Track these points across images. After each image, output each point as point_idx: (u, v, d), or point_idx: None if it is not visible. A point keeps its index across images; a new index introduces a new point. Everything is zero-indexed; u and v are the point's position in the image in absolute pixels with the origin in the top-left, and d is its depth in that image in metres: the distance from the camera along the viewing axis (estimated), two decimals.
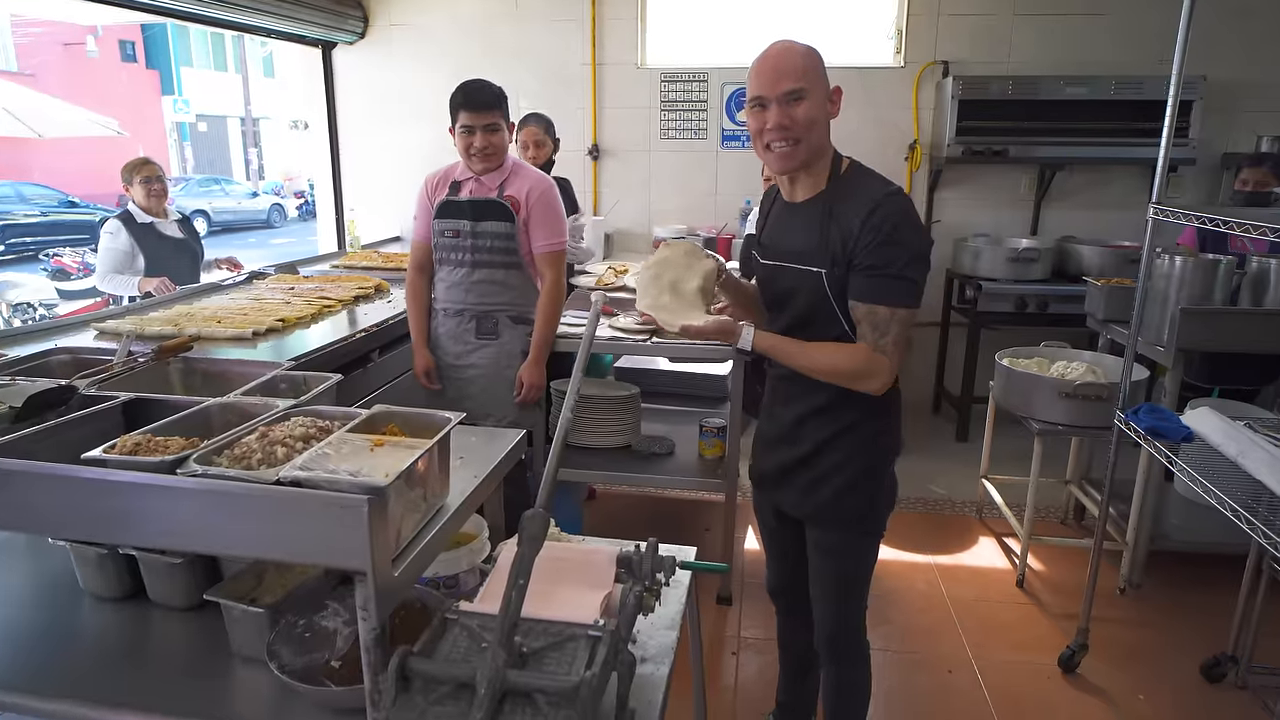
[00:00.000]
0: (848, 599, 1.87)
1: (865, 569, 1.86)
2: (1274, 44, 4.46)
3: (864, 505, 1.78)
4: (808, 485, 1.80)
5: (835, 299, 1.65)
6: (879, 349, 1.62)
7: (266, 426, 1.43)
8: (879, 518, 1.81)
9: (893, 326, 1.60)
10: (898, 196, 1.61)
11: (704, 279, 1.80)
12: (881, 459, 1.78)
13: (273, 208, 19.24)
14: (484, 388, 2.67)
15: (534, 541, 1.19)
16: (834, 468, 1.75)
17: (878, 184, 1.64)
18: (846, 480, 1.75)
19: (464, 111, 2.51)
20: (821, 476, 1.77)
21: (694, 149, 5.10)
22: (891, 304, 1.59)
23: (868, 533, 1.81)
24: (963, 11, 4.66)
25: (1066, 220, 4.83)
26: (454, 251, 2.64)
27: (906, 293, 1.60)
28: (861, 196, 1.61)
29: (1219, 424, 2.15)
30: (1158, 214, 2.22)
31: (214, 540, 1.26)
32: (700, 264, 1.82)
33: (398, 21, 5.16)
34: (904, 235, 1.58)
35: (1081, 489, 3.49)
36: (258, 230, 18.25)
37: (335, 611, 1.53)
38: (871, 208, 1.57)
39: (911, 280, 1.59)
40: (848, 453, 1.74)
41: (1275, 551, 1.75)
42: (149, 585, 1.67)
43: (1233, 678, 2.53)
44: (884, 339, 1.61)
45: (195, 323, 2.76)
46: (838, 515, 1.79)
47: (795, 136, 1.61)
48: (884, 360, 1.62)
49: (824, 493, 1.77)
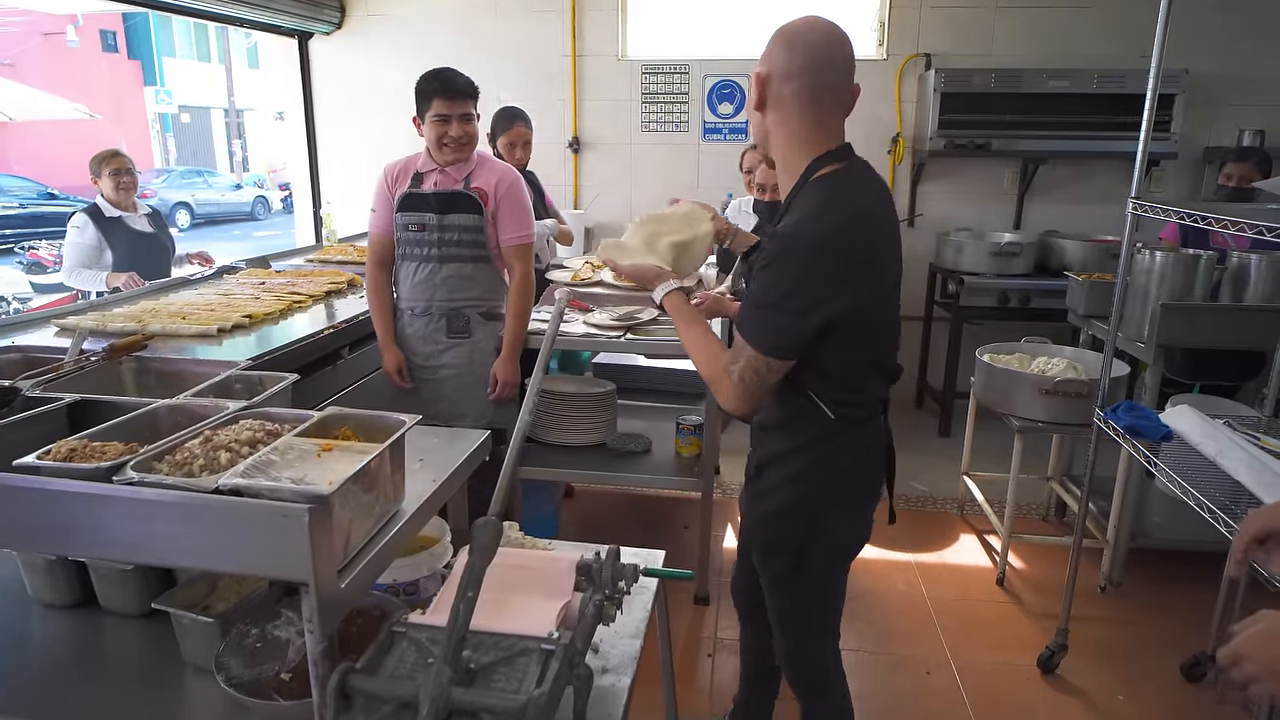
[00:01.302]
0: (788, 632, 1.71)
1: (803, 603, 1.67)
2: (1255, 37, 4.44)
3: (796, 539, 1.58)
4: (749, 501, 1.67)
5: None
6: (728, 371, 1.47)
7: (212, 430, 1.38)
8: (812, 559, 1.59)
9: (740, 357, 1.44)
10: (803, 239, 1.38)
11: (689, 238, 1.68)
12: (825, 492, 1.55)
13: (256, 200, 19.05)
14: (458, 387, 2.61)
15: (485, 551, 1.14)
16: (773, 487, 1.59)
17: (808, 212, 1.41)
18: (782, 503, 1.57)
19: (439, 99, 2.44)
20: (762, 493, 1.62)
21: (675, 141, 5.05)
22: (745, 336, 1.44)
23: (797, 568, 1.61)
24: (945, 4, 4.62)
25: (1049, 214, 4.80)
26: (419, 246, 2.57)
27: (753, 332, 1.42)
28: (782, 224, 1.45)
29: (1198, 423, 2.12)
30: (1137, 209, 2.19)
31: (152, 552, 1.20)
32: (695, 225, 1.70)
33: (375, 12, 5.08)
34: (779, 274, 1.39)
35: (1063, 485, 3.47)
36: (241, 223, 18.07)
37: (289, 620, 1.48)
38: (770, 239, 1.44)
39: (762, 321, 1.41)
40: (788, 471, 1.56)
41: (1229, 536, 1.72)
42: (100, 592, 1.61)
43: (1212, 677, 2.52)
44: (734, 365, 1.46)
45: (160, 319, 2.69)
46: (767, 539, 1.63)
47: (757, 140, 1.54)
48: (728, 382, 1.47)
49: (755, 512, 1.64)
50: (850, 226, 1.40)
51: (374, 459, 1.28)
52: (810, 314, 1.39)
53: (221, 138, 24.34)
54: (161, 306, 2.89)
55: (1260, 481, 1.80)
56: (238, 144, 24.27)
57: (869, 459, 1.60)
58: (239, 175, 22.16)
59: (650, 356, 3.48)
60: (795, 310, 1.39)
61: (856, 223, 1.41)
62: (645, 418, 3.35)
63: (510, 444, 1.29)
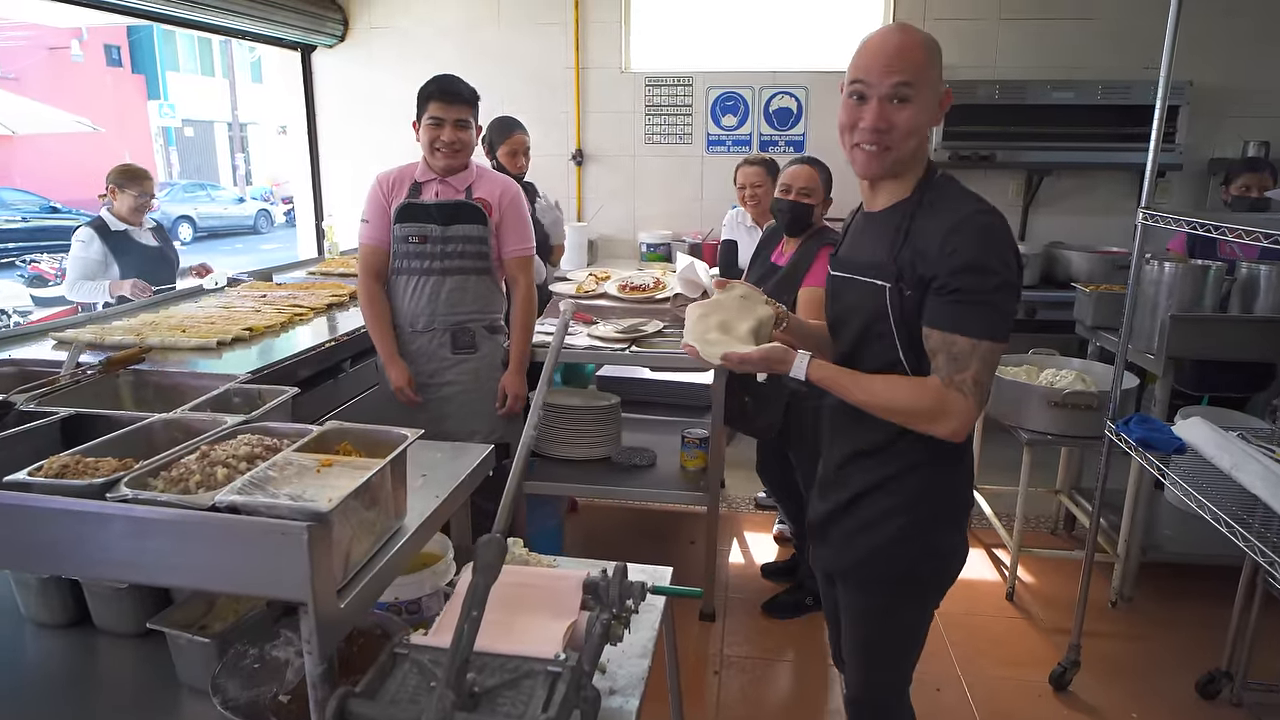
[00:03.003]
0: (874, 667, 1.64)
1: (898, 638, 1.61)
2: (1258, 50, 4.43)
3: (904, 565, 1.53)
4: (843, 538, 1.58)
5: (896, 322, 1.43)
6: (955, 385, 1.37)
7: (209, 445, 1.35)
8: (922, 583, 1.56)
9: (973, 361, 1.35)
10: (988, 216, 1.38)
11: (758, 323, 1.61)
12: (936, 516, 1.51)
13: (259, 213, 19.09)
14: (464, 404, 2.55)
15: (489, 570, 1.11)
16: (875, 519, 1.51)
17: (968, 200, 1.42)
18: (888, 534, 1.50)
19: (435, 102, 2.39)
20: (859, 528, 1.54)
21: (679, 154, 5.04)
22: (973, 334, 1.35)
23: (904, 597, 1.56)
24: (949, 15, 4.62)
25: (1054, 225, 4.78)
26: (420, 259, 2.50)
27: (990, 322, 1.35)
28: (946, 211, 1.40)
29: (1211, 435, 2.09)
30: (1147, 218, 2.16)
31: (146, 571, 1.17)
32: (755, 310, 1.64)
33: (378, 24, 5.08)
34: (990, 258, 1.35)
35: (1071, 499, 3.43)
36: (244, 236, 18.11)
37: (288, 640, 1.45)
38: (955, 224, 1.36)
39: (997, 308, 1.36)
40: (894, 503, 1.49)
41: (1268, 567, 1.69)
42: (94, 611, 1.58)
43: (1227, 694, 2.47)
44: (962, 374, 1.36)
45: (159, 332, 2.66)
46: (871, 573, 1.55)
47: (888, 143, 1.41)
48: (959, 399, 1.36)
49: (859, 546, 1.54)
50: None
51: (375, 475, 1.25)
52: (1016, 292, 1.41)
53: (225, 151, 24.43)
54: (161, 319, 2.86)
55: (1278, 495, 1.77)
56: (240, 158, 24.36)
57: (968, 472, 1.57)
58: (242, 189, 22.23)
59: (655, 369, 3.44)
60: (1014, 288, 1.39)
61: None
62: (650, 431, 3.31)
63: (515, 458, 1.26)
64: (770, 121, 4.92)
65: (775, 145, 4.90)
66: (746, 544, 3.48)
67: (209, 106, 23.23)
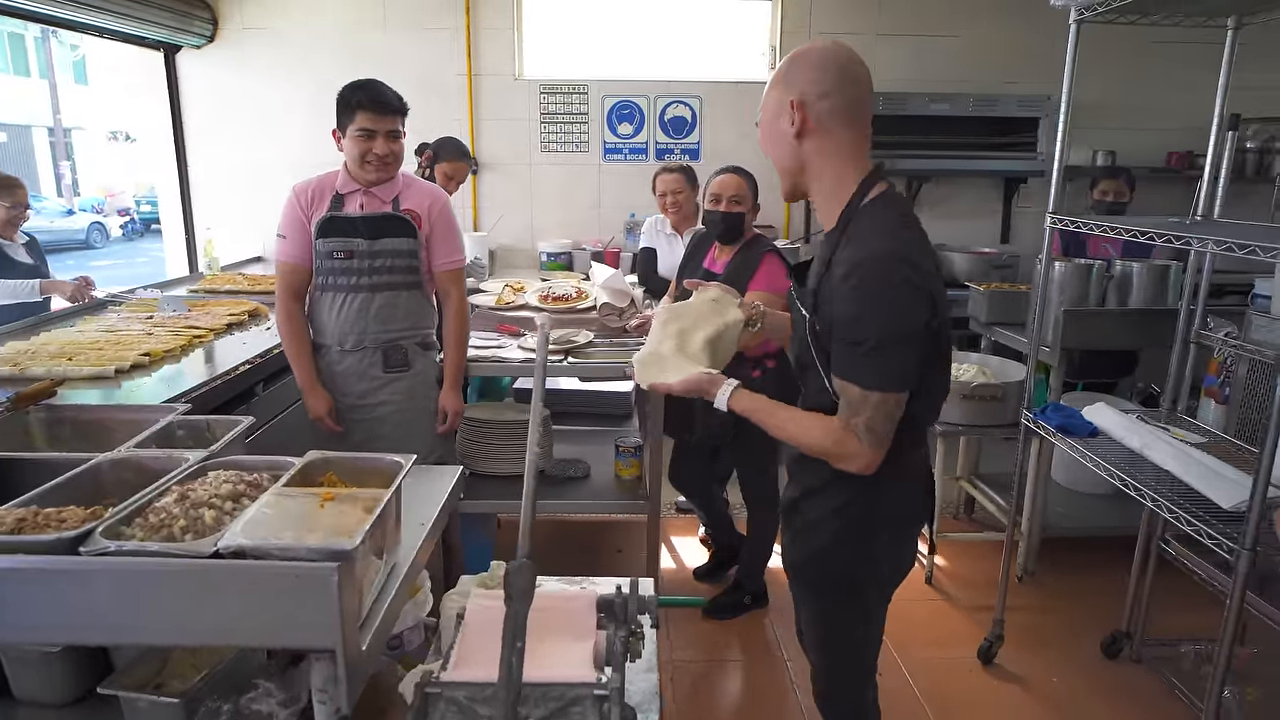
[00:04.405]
0: (832, 661, 1.69)
1: (850, 639, 1.64)
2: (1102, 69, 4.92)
3: (839, 568, 1.54)
4: (792, 534, 1.61)
5: (816, 351, 1.43)
6: (851, 428, 1.37)
7: (180, 485, 1.23)
8: (862, 584, 1.56)
9: (865, 409, 1.35)
10: (886, 262, 1.32)
11: (720, 330, 1.60)
12: (872, 518, 1.51)
13: (92, 226, 17.42)
14: (399, 424, 2.42)
15: (525, 596, 1.06)
16: (815, 521, 1.54)
17: (879, 239, 1.35)
18: (828, 534, 1.52)
19: (364, 113, 2.27)
20: (806, 526, 1.56)
21: (576, 162, 5.02)
22: (863, 384, 1.34)
23: (845, 597, 1.58)
24: (831, 30, 4.85)
25: (932, 229, 4.94)
26: (346, 275, 2.36)
27: (881, 374, 1.34)
28: (855, 250, 1.36)
29: (1118, 419, 2.29)
30: (1055, 223, 2.35)
31: (136, 631, 1.05)
32: (724, 314, 1.61)
33: (251, 25, 4.77)
34: (881, 311, 1.32)
35: (971, 484, 3.67)
36: (75, 252, 16.43)
37: (267, 691, 1.33)
38: (851, 269, 1.33)
39: (888, 360, 1.33)
40: (834, 502, 1.50)
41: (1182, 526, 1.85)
42: (14, 680, 1.39)
43: (1128, 652, 2.72)
44: (855, 419, 1.36)
45: (40, 361, 2.38)
46: (814, 572, 1.59)
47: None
48: (855, 442, 1.37)
49: (804, 545, 1.58)
50: (923, 242, 1.41)
51: (386, 505, 1.17)
52: (919, 339, 1.35)
53: (46, 159, 22.14)
54: (38, 346, 2.56)
55: (1189, 471, 1.96)
56: (66, 166, 22.15)
57: (912, 487, 1.56)
58: (69, 199, 20.23)
59: (585, 379, 3.41)
60: (909, 338, 1.34)
61: (925, 238, 1.42)
62: (577, 441, 3.28)
63: (525, 478, 1.22)
64: (665, 130, 4.99)
65: (671, 154, 4.98)
66: (675, 548, 3.50)
67: (24, 109, 20.97)
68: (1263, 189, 4.78)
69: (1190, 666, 2.56)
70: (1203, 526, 1.79)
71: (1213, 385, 2.60)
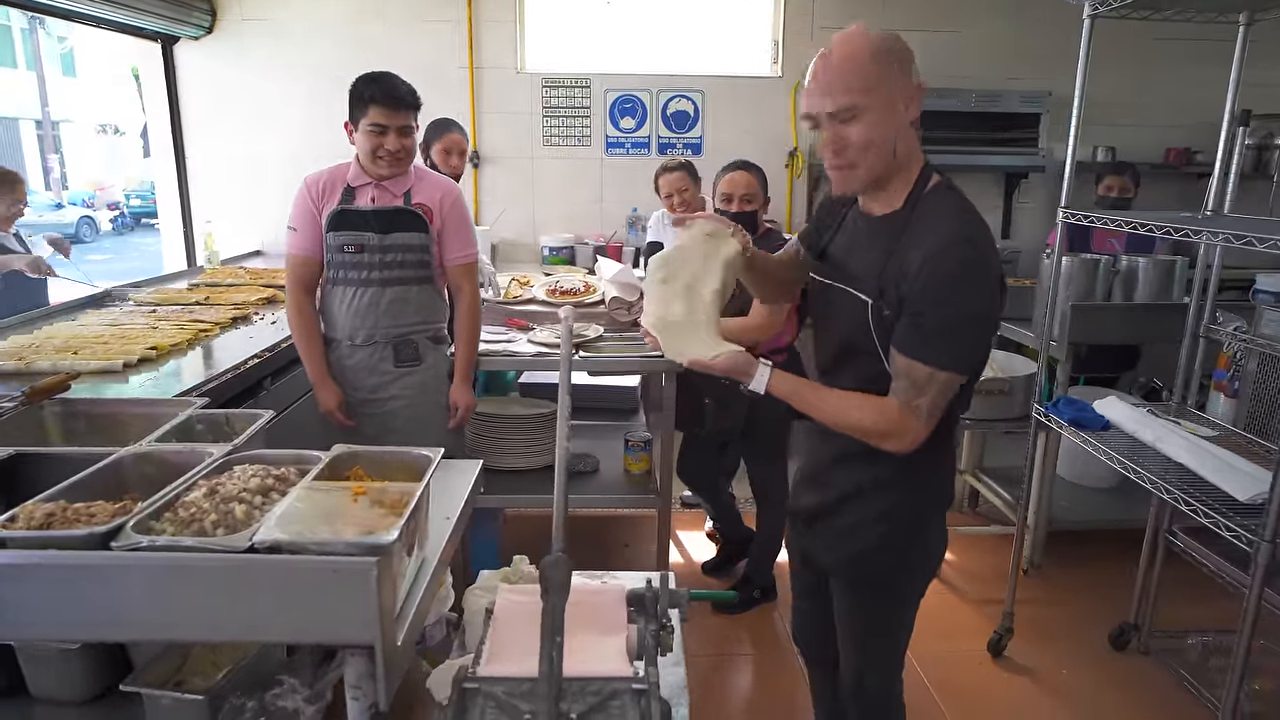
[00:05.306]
0: (867, 659, 1.69)
1: (891, 632, 1.66)
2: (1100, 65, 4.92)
3: (889, 567, 1.57)
4: (833, 537, 1.61)
5: (878, 336, 1.43)
6: (911, 409, 1.38)
7: (208, 480, 1.21)
8: (909, 582, 1.60)
9: (930, 388, 1.36)
10: (969, 247, 1.36)
11: (724, 278, 1.49)
12: (919, 516, 1.54)
13: (82, 220, 17.25)
14: (410, 419, 2.40)
15: (562, 590, 1.05)
16: (861, 521, 1.54)
17: (954, 222, 1.38)
18: (874, 537, 1.54)
19: (377, 107, 2.24)
20: (847, 529, 1.57)
21: (578, 156, 5.00)
22: (933, 363, 1.35)
23: (893, 595, 1.61)
24: (835, 25, 4.83)
25: None
26: (357, 269, 2.34)
27: (953, 354, 1.36)
28: (930, 234, 1.37)
29: (1130, 412, 2.30)
30: (1067, 217, 2.35)
31: (167, 627, 1.04)
32: (720, 249, 1.49)
33: (251, 16, 4.72)
34: (961, 290, 1.34)
35: (976, 477, 3.68)
36: None
37: (292, 688, 1.32)
38: (933, 251, 1.34)
39: (962, 341, 1.36)
40: (880, 505, 1.52)
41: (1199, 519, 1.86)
42: (30, 678, 1.37)
43: (1136, 644, 2.73)
44: (918, 399, 1.37)
45: (44, 355, 2.36)
46: (860, 574, 1.60)
47: (850, 161, 1.39)
48: (913, 422, 1.38)
49: (847, 548, 1.58)
50: (989, 231, 1.44)
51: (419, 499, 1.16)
52: (991, 324, 1.42)
53: (34, 152, 21.93)
54: (41, 340, 2.54)
55: (1204, 464, 1.97)
56: (54, 159, 21.94)
57: (948, 475, 1.60)
58: (58, 193, 20.05)
59: (592, 374, 3.40)
60: (984, 321, 1.40)
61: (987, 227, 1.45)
62: (585, 436, 3.27)
63: (557, 473, 1.22)
64: (668, 124, 4.97)
65: (673, 148, 4.96)
66: (682, 543, 3.50)
67: (12, 102, 20.75)
68: (1261, 185, 4.79)
69: (1198, 658, 2.58)
70: (1220, 519, 1.80)
71: (1222, 379, 2.60)
